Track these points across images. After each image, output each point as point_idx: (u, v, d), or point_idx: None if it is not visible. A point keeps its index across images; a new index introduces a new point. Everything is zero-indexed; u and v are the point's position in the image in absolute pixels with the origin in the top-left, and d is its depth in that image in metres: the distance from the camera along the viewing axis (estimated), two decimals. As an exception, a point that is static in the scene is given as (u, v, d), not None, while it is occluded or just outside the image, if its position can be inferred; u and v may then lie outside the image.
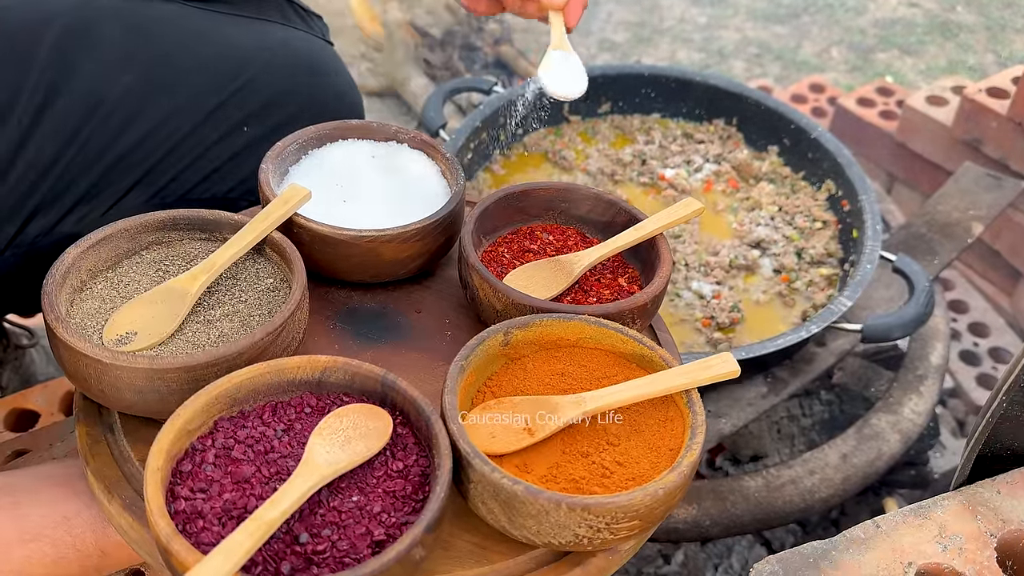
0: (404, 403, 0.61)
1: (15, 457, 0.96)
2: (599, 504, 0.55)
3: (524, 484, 0.55)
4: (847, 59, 2.67)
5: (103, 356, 0.60)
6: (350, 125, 0.84)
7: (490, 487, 0.56)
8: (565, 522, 0.56)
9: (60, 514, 0.65)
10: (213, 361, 0.61)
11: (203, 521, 0.53)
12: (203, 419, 0.58)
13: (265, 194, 0.75)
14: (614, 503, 0.55)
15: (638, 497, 0.56)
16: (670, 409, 0.65)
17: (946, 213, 1.40)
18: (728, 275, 1.22)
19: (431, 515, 0.53)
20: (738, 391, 1.17)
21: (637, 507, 0.56)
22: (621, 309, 0.70)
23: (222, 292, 0.69)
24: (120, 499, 0.61)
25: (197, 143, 0.85)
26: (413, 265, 0.77)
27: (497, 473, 0.56)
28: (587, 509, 0.55)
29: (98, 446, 0.65)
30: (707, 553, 1.25)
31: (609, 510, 0.55)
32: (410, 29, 2.32)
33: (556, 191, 0.81)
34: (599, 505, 0.55)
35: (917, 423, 1.20)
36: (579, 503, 0.55)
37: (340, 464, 0.56)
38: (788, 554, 0.66)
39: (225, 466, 0.57)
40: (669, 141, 1.44)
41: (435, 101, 1.37)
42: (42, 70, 0.78)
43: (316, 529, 0.54)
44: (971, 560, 0.66)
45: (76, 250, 0.67)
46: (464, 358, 0.63)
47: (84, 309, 0.66)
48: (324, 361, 0.61)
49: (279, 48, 0.90)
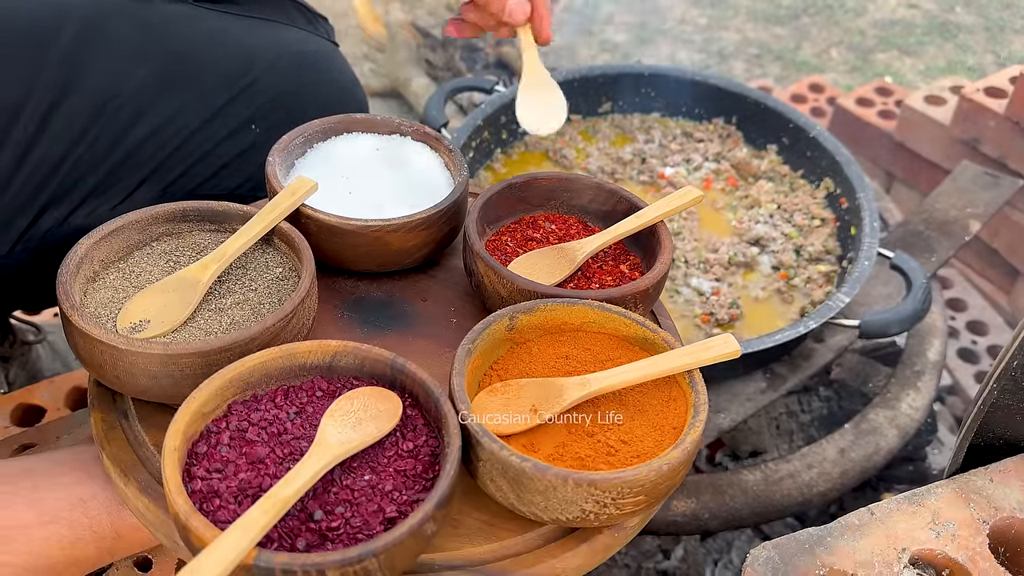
0: (413, 385, 0.62)
1: (21, 451, 0.97)
2: (605, 479, 0.56)
3: (532, 461, 0.57)
4: (846, 60, 2.69)
5: (118, 342, 0.61)
6: (354, 119, 0.85)
7: (499, 464, 0.58)
8: (572, 497, 0.57)
9: (77, 496, 0.66)
10: (226, 346, 0.62)
11: (219, 500, 0.55)
12: (217, 402, 0.59)
13: (272, 186, 0.76)
14: (620, 478, 0.56)
15: (643, 472, 0.57)
16: (673, 389, 0.66)
17: (944, 211, 1.41)
18: (727, 272, 1.24)
19: (442, 491, 0.55)
20: (737, 386, 1.18)
21: (642, 482, 0.57)
22: (624, 294, 0.72)
23: (232, 281, 0.71)
24: (136, 482, 0.63)
25: (206, 139, 0.86)
26: (419, 254, 0.79)
27: (506, 451, 0.57)
28: (593, 484, 0.56)
29: (113, 432, 0.66)
30: (707, 548, 1.26)
31: (615, 485, 0.57)
32: (412, 30, 2.33)
33: (558, 181, 0.83)
34: (605, 480, 0.56)
35: (914, 418, 1.20)
36: (585, 478, 0.56)
37: (352, 444, 0.58)
38: (784, 540, 0.67)
39: (240, 447, 0.58)
40: (669, 140, 1.45)
41: (437, 100, 1.38)
42: (55, 67, 0.79)
43: (330, 507, 0.56)
44: (964, 546, 0.67)
45: (89, 241, 0.68)
46: (471, 341, 0.65)
47: (97, 299, 0.68)
48: (335, 346, 0.63)
49: (286, 48, 0.92)
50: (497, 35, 0.91)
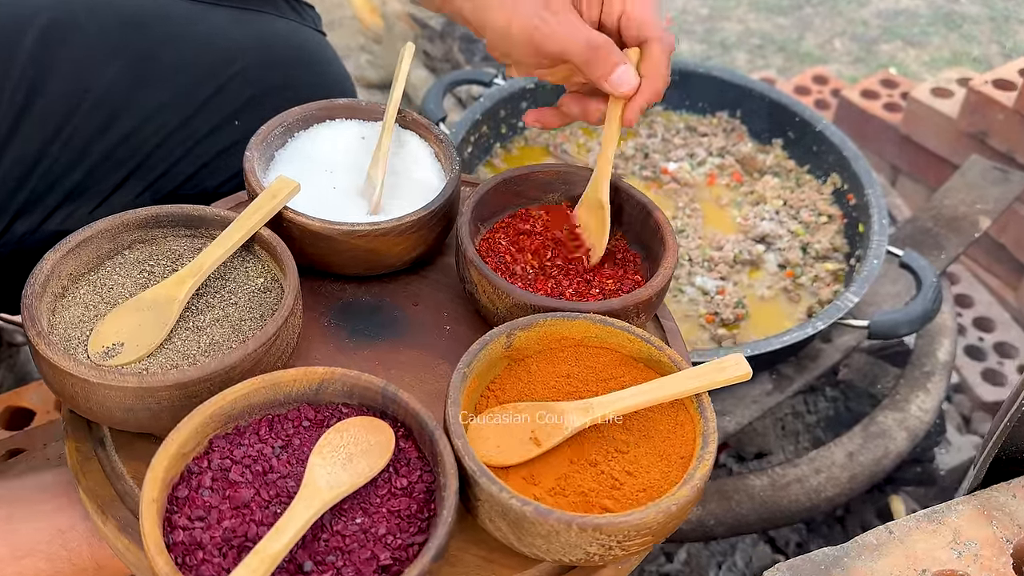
0: (406, 416, 0.59)
1: (9, 457, 0.95)
2: (611, 524, 0.53)
3: (534, 505, 0.54)
4: (850, 50, 2.65)
5: (89, 375, 0.57)
6: (336, 105, 0.81)
7: (498, 507, 0.55)
8: (576, 541, 0.54)
9: (55, 527, 0.63)
10: (205, 377, 0.58)
11: (203, 552, 0.51)
12: (198, 439, 0.56)
13: (251, 185, 0.72)
14: (626, 522, 0.53)
15: (651, 514, 0.54)
16: (680, 414, 0.63)
17: (953, 207, 1.38)
18: (732, 270, 1.20)
19: (439, 542, 0.51)
20: (743, 388, 1.16)
21: (650, 524, 0.54)
22: (625, 305, 0.68)
23: (211, 295, 0.67)
24: (115, 520, 0.59)
25: (186, 137, 0.83)
26: (409, 257, 0.75)
27: (505, 493, 0.54)
28: (599, 529, 0.53)
29: (89, 463, 0.62)
30: (710, 551, 1.24)
31: (621, 529, 0.53)
32: (410, 20, 2.30)
33: (555, 174, 0.79)
34: (611, 525, 0.53)
35: (924, 420, 1.18)
36: (590, 523, 0.53)
37: (343, 487, 0.54)
38: (799, 561, 0.64)
39: (223, 490, 0.54)
40: (672, 134, 1.41)
41: (435, 94, 1.35)
42: (24, 65, 0.76)
43: (320, 556, 0.52)
44: (986, 567, 0.64)
45: (55, 255, 0.64)
46: (467, 365, 0.61)
47: (67, 318, 0.64)
48: (321, 373, 0.59)
49: (270, 39, 0.88)
50: (585, 116, 0.76)
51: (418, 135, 0.81)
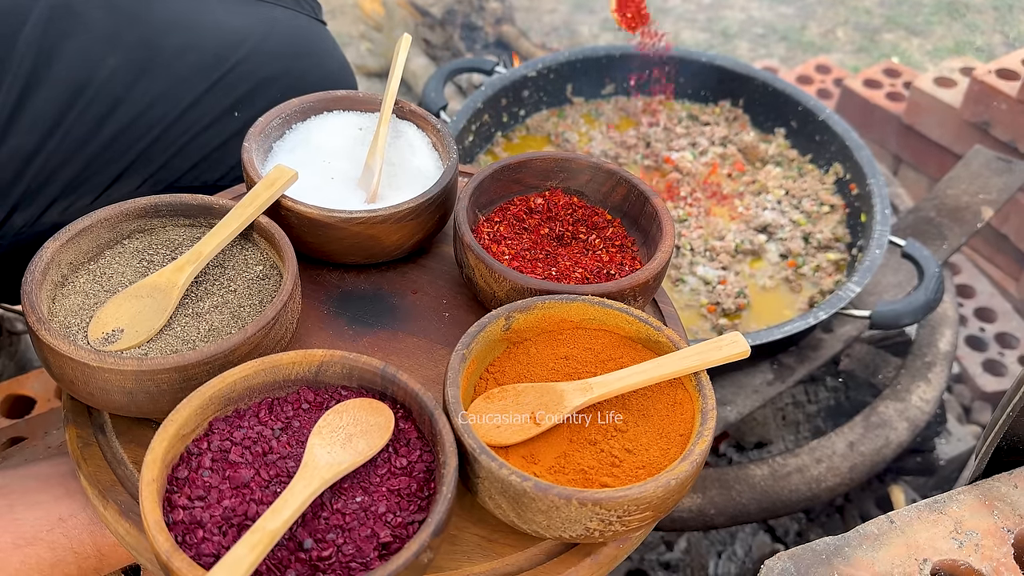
0: (405, 397, 0.58)
1: (10, 445, 0.95)
2: (610, 498, 0.53)
3: (534, 480, 0.54)
4: (853, 39, 2.64)
5: (89, 359, 0.57)
6: (335, 96, 0.81)
7: (498, 483, 0.54)
8: (576, 517, 0.54)
9: (56, 516, 0.63)
10: (204, 360, 0.58)
11: (203, 531, 0.51)
12: (197, 421, 0.56)
13: (249, 175, 0.72)
14: (626, 496, 0.53)
15: (650, 489, 0.54)
16: (678, 392, 0.62)
17: (955, 197, 1.37)
18: (734, 260, 1.20)
19: (439, 518, 0.51)
20: (744, 378, 1.15)
21: (649, 499, 0.54)
22: (622, 288, 0.68)
23: (210, 282, 0.66)
24: (116, 505, 0.59)
25: (185, 130, 0.82)
26: (407, 245, 0.75)
27: (505, 469, 0.54)
28: (598, 503, 0.53)
29: (89, 449, 0.62)
30: (710, 540, 1.24)
31: (621, 504, 0.53)
32: (410, 8, 2.29)
33: (554, 162, 0.79)
34: (610, 499, 0.53)
35: (925, 411, 1.18)
36: (590, 498, 0.53)
37: (342, 465, 0.54)
38: (800, 551, 0.64)
39: (223, 470, 0.54)
40: (674, 123, 1.41)
41: (436, 82, 1.34)
42: (23, 56, 0.75)
43: (320, 534, 0.52)
44: (988, 557, 0.64)
45: (55, 244, 0.64)
46: (465, 346, 0.61)
47: (67, 306, 0.63)
48: (320, 355, 0.59)
49: (269, 29, 0.87)
50: None
51: (415, 125, 0.81)
